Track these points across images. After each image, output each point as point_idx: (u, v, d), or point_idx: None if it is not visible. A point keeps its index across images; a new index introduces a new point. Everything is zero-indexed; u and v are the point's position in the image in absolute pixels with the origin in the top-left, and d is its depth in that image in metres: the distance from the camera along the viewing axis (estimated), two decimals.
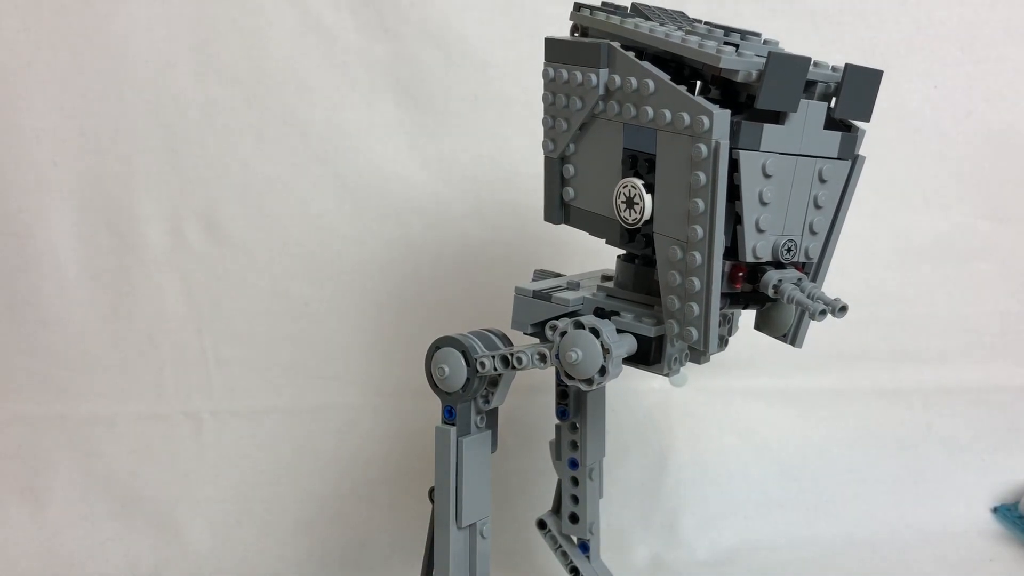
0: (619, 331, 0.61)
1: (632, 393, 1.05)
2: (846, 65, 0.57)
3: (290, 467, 1.05)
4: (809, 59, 0.54)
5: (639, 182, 0.59)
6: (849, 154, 0.60)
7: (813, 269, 0.62)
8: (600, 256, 0.72)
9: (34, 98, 1.00)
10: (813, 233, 0.59)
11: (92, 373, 1.05)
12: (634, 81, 0.57)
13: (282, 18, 0.99)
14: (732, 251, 0.56)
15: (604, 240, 0.65)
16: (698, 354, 0.60)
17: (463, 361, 0.66)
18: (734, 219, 0.55)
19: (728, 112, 0.53)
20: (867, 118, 0.59)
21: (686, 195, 0.55)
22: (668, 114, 0.55)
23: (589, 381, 0.59)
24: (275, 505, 1.04)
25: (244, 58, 1.00)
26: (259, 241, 1.03)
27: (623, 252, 0.67)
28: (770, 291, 0.56)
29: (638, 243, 0.61)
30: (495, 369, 0.64)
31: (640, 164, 0.59)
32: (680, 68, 0.60)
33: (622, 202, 0.60)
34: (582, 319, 0.60)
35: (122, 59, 0.99)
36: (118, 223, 1.02)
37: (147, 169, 1.01)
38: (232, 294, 1.04)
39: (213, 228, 1.02)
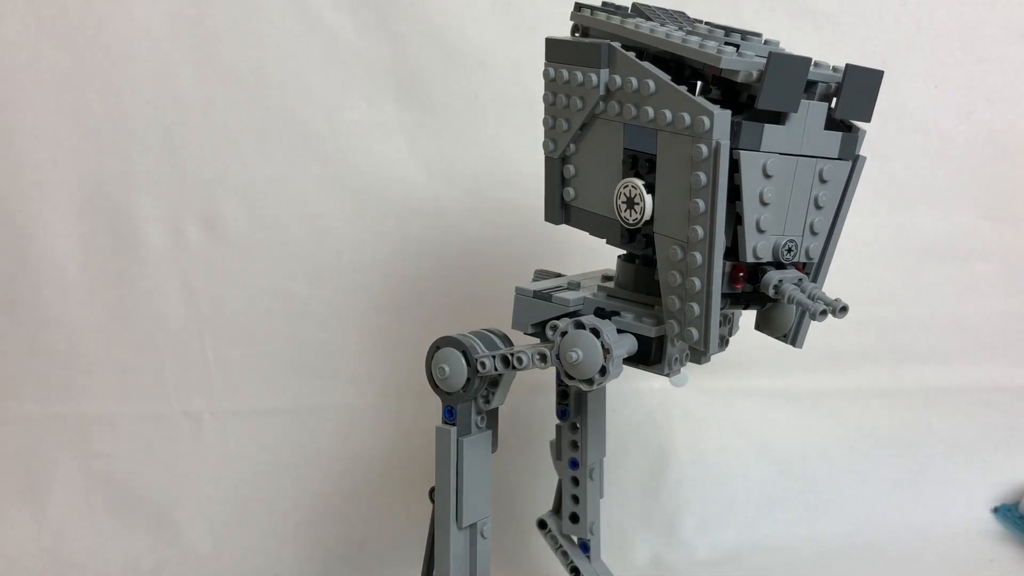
0: (619, 331, 0.61)
1: (633, 393, 1.05)
2: (847, 65, 0.57)
3: (290, 467, 1.05)
4: (810, 59, 0.54)
5: (639, 182, 0.59)
6: (850, 154, 0.60)
7: (814, 269, 0.62)
8: (600, 256, 0.72)
9: (34, 98, 1.00)
10: (814, 233, 0.59)
11: (92, 373, 1.05)
12: (635, 81, 0.57)
13: (282, 18, 0.99)
14: (732, 251, 0.56)
15: (604, 240, 0.64)
16: (699, 354, 0.60)
17: (463, 361, 0.66)
18: (735, 219, 0.55)
19: (729, 112, 0.53)
20: (868, 118, 0.59)
21: (687, 195, 0.55)
22: (669, 114, 0.55)
23: (590, 381, 0.59)
24: (275, 505, 1.04)
25: (244, 58, 1.00)
26: (259, 241, 1.03)
27: (623, 252, 0.67)
28: (771, 291, 0.56)
29: (638, 243, 0.61)
30: (495, 369, 0.64)
31: (640, 164, 0.59)
32: (681, 68, 0.60)
33: (622, 202, 0.60)
34: (583, 319, 0.59)
35: (122, 59, 0.99)
36: (118, 223, 1.02)
37: (147, 169, 1.01)
38: (232, 294, 1.04)
39: (213, 228, 1.02)
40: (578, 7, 0.66)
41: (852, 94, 0.57)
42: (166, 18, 0.99)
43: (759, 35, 0.62)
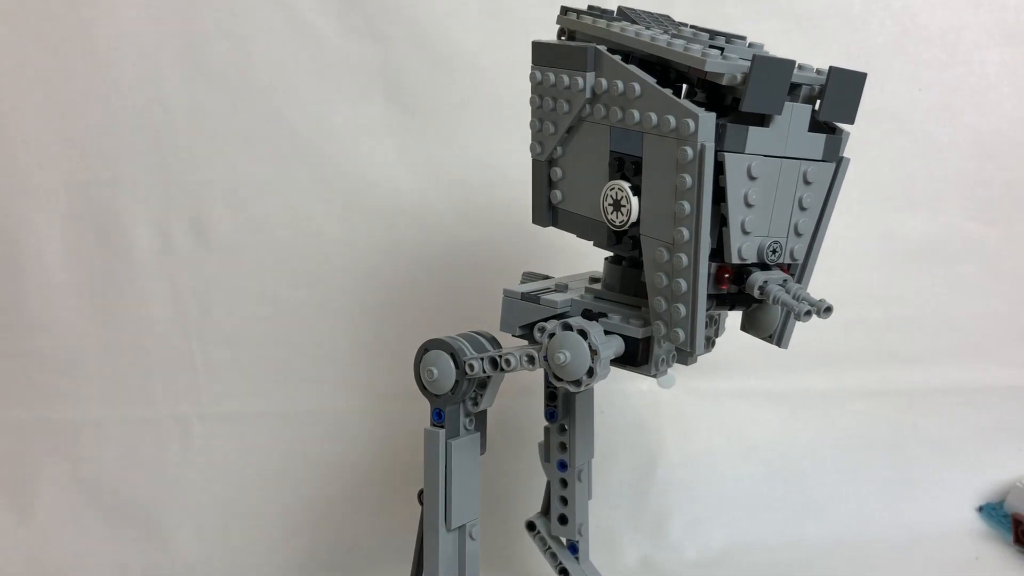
0: (607, 332, 0.61)
1: (621, 395, 1.05)
2: (830, 68, 0.57)
3: (279, 471, 1.05)
4: (793, 62, 0.55)
5: (626, 185, 0.59)
6: (833, 156, 0.60)
7: (798, 270, 0.62)
8: (588, 258, 0.72)
9: (20, 102, 0.99)
10: (798, 234, 0.60)
11: (80, 378, 1.04)
12: (620, 84, 0.57)
13: (269, 22, 0.99)
14: (718, 253, 0.57)
15: (591, 242, 0.65)
16: (685, 355, 0.61)
17: (452, 363, 0.66)
18: (720, 221, 0.56)
19: (713, 115, 0.53)
20: (851, 120, 0.59)
21: (672, 197, 0.55)
22: (654, 117, 0.55)
23: (577, 383, 0.60)
24: (264, 509, 1.04)
25: (231, 62, 1.00)
26: (247, 245, 1.03)
27: (610, 254, 0.67)
28: (756, 292, 0.56)
29: (625, 245, 0.62)
30: (484, 371, 0.64)
31: (627, 167, 0.59)
32: (666, 71, 0.60)
33: (609, 204, 0.60)
34: (570, 321, 0.60)
35: (109, 63, 0.99)
36: (105, 227, 1.02)
37: (134, 173, 1.01)
38: (220, 298, 1.03)
39: (201, 232, 1.02)
40: (564, 11, 0.66)
41: (835, 96, 0.57)
42: (153, 22, 0.98)
43: (744, 38, 0.63)
